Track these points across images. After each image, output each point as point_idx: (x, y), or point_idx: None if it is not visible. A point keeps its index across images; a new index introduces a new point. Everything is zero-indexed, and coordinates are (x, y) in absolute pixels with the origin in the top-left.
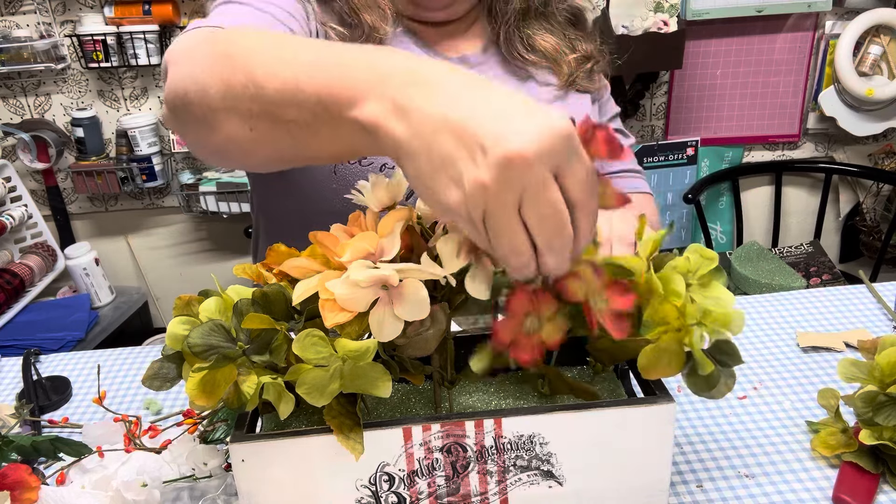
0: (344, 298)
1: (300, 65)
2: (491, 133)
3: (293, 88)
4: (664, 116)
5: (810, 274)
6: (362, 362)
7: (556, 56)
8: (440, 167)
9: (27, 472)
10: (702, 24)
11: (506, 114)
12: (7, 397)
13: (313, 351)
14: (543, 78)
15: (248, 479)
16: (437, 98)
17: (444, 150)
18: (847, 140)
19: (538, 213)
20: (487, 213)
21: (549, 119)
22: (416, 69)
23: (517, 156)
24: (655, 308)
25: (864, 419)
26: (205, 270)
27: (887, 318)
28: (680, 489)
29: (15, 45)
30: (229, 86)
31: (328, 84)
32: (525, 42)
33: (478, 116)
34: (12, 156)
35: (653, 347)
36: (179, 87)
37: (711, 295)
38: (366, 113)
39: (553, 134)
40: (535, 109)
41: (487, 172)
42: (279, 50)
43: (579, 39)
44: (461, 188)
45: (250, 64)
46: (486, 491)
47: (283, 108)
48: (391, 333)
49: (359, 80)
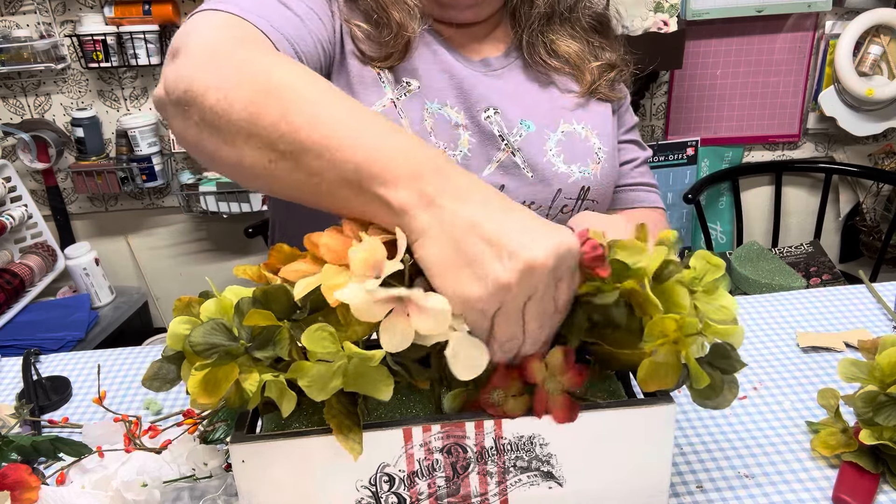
0: (360, 309)
1: (344, 127)
2: (518, 243)
3: (333, 146)
4: (664, 116)
5: (810, 274)
6: (368, 364)
7: (579, 63)
8: (467, 264)
9: (27, 472)
10: (702, 24)
11: (530, 229)
12: (7, 397)
13: (321, 345)
14: (565, 85)
15: (248, 479)
16: (467, 205)
17: (474, 250)
18: (847, 140)
19: (540, 309)
20: (502, 308)
21: (563, 236)
22: (446, 170)
23: (540, 264)
24: (656, 321)
25: (865, 419)
26: (205, 270)
27: (887, 318)
28: (680, 490)
29: (15, 45)
30: (260, 115)
31: (368, 157)
32: (548, 47)
33: (507, 229)
34: (12, 156)
35: (650, 361)
36: (197, 86)
37: (716, 302)
38: (399, 196)
39: (567, 249)
40: (552, 228)
41: (513, 275)
42: (321, 97)
43: (603, 47)
44: (484, 285)
45: (288, 103)
46: (486, 492)
47: (314, 160)
48: (402, 344)
49: (398, 163)
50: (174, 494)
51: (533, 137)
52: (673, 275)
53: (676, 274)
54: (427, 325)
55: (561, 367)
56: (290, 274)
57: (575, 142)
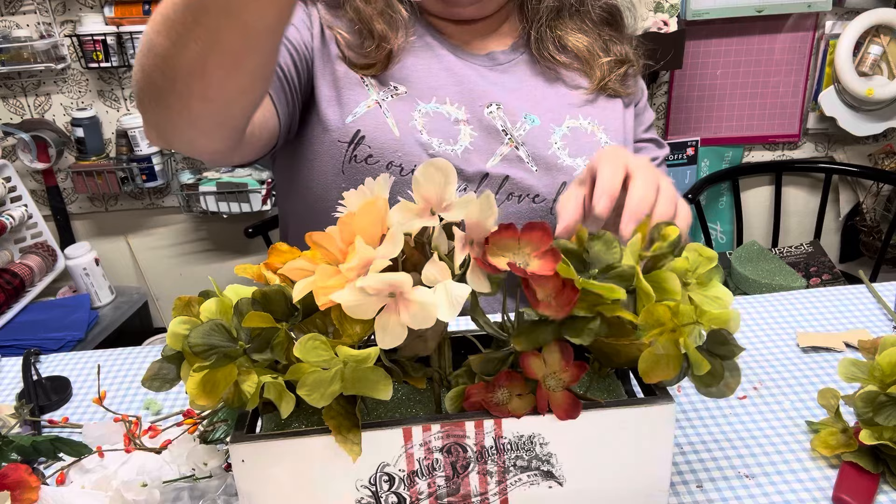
0: (351, 306)
1: None
2: None
3: None
4: (664, 116)
5: (810, 274)
6: (364, 366)
7: (588, 58)
8: None
9: (27, 472)
10: (702, 24)
11: None
12: (7, 397)
13: (315, 354)
14: (574, 80)
15: (248, 479)
16: None
17: None
18: (847, 140)
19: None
20: None
21: None
22: None
23: None
24: (649, 311)
25: (865, 419)
26: (205, 270)
27: (887, 318)
28: (680, 489)
29: (15, 45)
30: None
31: None
32: (556, 42)
33: None
34: (12, 156)
35: (650, 351)
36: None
37: (710, 294)
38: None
39: None
40: None
41: None
42: None
43: (614, 40)
44: None
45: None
46: (486, 491)
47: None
48: (395, 340)
49: None
50: (174, 494)
51: (537, 131)
52: (660, 263)
53: (669, 263)
54: (416, 318)
55: (559, 363)
56: (291, 273)
57: (580, 136)
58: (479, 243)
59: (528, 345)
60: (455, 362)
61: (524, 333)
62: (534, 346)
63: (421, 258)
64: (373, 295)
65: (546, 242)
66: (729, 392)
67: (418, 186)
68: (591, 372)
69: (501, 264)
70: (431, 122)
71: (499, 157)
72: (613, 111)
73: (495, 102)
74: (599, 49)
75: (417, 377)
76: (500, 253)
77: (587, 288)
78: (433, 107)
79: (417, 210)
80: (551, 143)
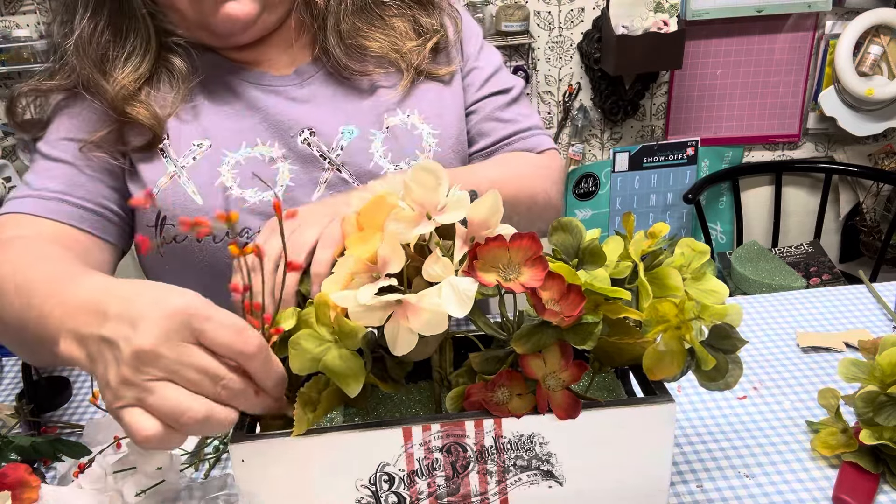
0: (357, 314)
1: None
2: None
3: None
4: (664, 116)
5: (810, 274)
6: (350, 343)
7: (390, 55)
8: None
9: (27, 471)
10: (702, 24)
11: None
12: (7, 397)
13: (312, 342)
14: (387, 79)
15: (248, 479)
16: None
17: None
18: (847, 140)
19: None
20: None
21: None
22: None
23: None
24: (653, 307)
25: (865, 419)
26: None
27: (887, 318)
28: (680, 489)
29: (15, 45)
30: None
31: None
32: (353, 52)
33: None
34: (12, 156)
35: (654, 349)
36: None
37: (705, 288)
38: None
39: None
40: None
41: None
42: None
43: (423, 13)
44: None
45: None
46: (486, 491)
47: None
48: (406, 347)
49: None
50: (174, 494)
51: (357, 144)
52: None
53: (666, 259)
54: (429, 324)
55: (559, 363)
56: None
57: (401, 136)
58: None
59: (528, 348)
60: (456, 362)
61: (524, 336)
62: (534, 350)
63: (422, 261)
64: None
65: (535, 250)
66: (732, 384)
67: (410, 192)
68: (592, 371)
69: (491, 280)
70: (244, 171)
71: (323, 185)
72: (435, 95)
73: (307, 128)
74: (411, 31)
75: (392, 383)
76: (489, 265)
77: (590, 289)
78: (244, 153)
79: (413, 217)
80: (372, 153)
